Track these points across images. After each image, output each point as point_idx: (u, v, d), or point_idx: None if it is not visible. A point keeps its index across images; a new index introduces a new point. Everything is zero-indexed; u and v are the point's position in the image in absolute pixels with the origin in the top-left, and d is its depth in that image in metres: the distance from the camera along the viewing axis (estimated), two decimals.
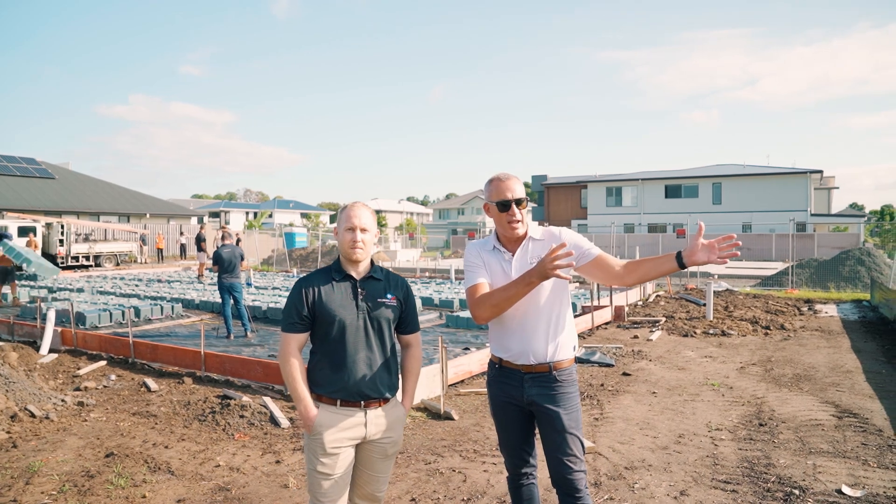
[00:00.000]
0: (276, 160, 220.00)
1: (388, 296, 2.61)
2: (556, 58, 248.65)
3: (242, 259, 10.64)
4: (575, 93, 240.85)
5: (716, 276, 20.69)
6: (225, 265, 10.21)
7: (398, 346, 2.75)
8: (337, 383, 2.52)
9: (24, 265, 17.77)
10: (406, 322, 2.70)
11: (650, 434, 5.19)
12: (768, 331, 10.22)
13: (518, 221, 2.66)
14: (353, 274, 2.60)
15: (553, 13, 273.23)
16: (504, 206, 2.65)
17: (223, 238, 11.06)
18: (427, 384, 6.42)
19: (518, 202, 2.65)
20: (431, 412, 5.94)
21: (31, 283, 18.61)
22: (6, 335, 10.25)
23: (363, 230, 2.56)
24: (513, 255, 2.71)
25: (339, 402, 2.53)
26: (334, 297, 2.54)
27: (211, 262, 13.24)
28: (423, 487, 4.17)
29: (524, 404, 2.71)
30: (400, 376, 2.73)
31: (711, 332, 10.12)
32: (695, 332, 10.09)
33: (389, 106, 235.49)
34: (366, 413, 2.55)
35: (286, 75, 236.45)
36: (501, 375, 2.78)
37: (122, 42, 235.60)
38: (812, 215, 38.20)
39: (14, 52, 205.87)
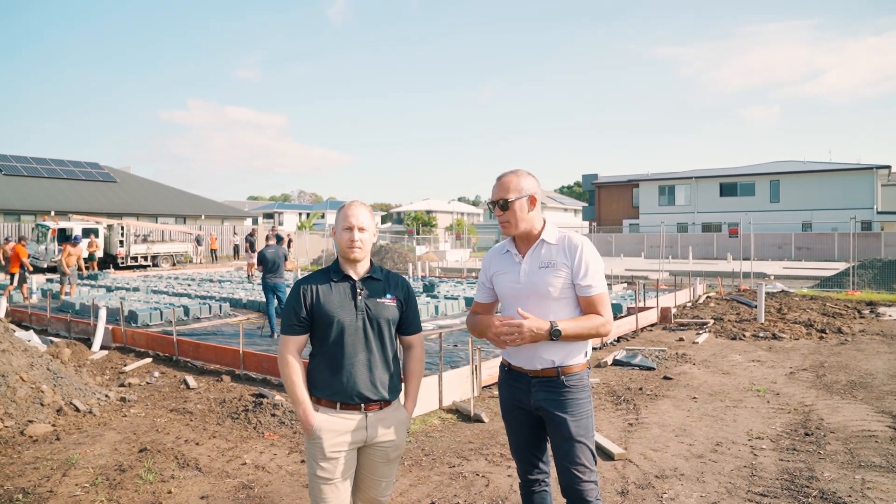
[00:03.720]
0: (328, 161, 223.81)
1: (388, 296, 2.56)
2: (609, 55, 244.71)
3: (286, 259, 10.85)
4: (628, 90, 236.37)
5: (771, 277, 19.92)
6: (269, 265, 10.44)
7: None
8: (336, 386, 2.48)
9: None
10: (407, 323, 2.64)
11: (686, 441, 4.98)
12: (823, 334, 9.73)
13: (505, 223, 2.62)
14: (352, 274, 2.55)
15: (606, 10, 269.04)
16: (492, 206, 2.66)
17: (267, 238, 11.39)
18: (459, 386, 6.36)
19: (503, 204, 2.59)
20: (462, 414, 5.87)
21: (92, 282, 19.42)
22: (64, 332, 10.72)
23: (361, 229, 2.52)
24: (523, 258, 2.63)
25: (338, 405, 2.49)
26: (332, 298, 2.50)
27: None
28: (444, 491, 4.11)
29: (532, 409, 2.63)
30: (402, 378, 2.68)
31: (761, 335, 9.70)
32: (744, 335, 9.69)
33: (440, 107, 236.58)
34: (366, 416, 2.50)
35: (337, 77, 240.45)
36: (510, 378, 2.71)
37: (181, 47, 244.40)
38: (879, 213, 36.29)
39: (88, 66, 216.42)
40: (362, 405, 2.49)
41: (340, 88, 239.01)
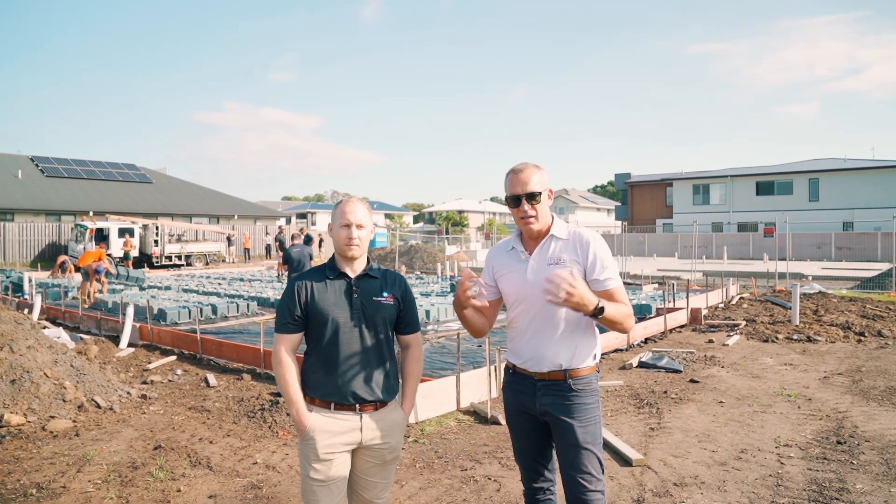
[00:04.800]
0: (361, 162, 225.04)
1: (385, 294, 2.48)
2: (644, 53, 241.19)
3: (311, 258, 10.91)
4: (662, 88, 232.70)
5: (809, 278, 19.33)
6: (294, 264, 10.49)
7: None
8: (330, 386, 2.41)
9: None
10: (405, 322, 2.55)
11: (709, 448, 4.79)
12: (862, 337, 9.34)
13: (531, 217, 2.47)
14: (349, 272, 2.48)
15: (641, 7, 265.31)
16: (514, 200, 2.48)
17: (292, 238, 11.50)
18: (478, 387, 6.26)
19: (530, 197, 2.46)
20: (479, 416, 5.77)
21: (125, 281, 19.83)
22: (94, 329, 10.92)
23: (359, 226, 2.45)
24: (530, 255, 2.52)
25: (332, 406, 2.42)
26: (328, 296, 2.43)
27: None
28: (454, 495, 4.01)
29: (537, 414, 2.52)
30: (399, 379, 2.59)
31: (795, 337, 9.36)
32: (776, 338, 9.37)
33: (473, 107, 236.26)
34: (361, 417, 2.43)
35: (370, 78, 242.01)
36: (515, 381, 2.60)
37: (218, 51, 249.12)
38: None
39: (127, 70, 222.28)
40: (357, 405, 2.42)
41: (373, 89, 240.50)
